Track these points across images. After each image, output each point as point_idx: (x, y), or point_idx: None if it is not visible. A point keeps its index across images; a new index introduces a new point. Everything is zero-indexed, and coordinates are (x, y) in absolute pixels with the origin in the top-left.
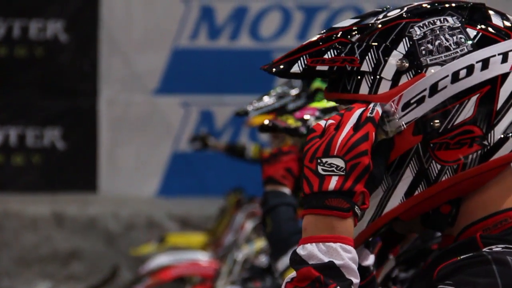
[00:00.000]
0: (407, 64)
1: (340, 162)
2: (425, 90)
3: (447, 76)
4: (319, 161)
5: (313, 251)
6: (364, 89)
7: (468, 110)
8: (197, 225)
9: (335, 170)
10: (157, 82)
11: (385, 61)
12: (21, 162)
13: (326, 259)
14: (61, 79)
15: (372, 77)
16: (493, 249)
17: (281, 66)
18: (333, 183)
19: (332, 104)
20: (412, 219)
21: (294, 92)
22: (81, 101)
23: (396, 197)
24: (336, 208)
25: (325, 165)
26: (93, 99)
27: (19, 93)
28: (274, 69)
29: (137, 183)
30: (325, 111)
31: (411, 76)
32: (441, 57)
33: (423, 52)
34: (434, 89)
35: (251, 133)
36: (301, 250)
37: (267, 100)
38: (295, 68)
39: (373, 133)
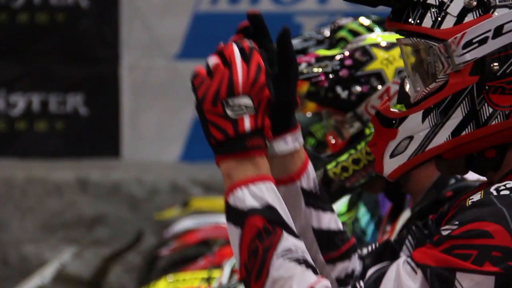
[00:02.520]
0: (475, 3)
1: (248, 101)
2: (489, 31)
3: None
4: (225, 103)
5: (245, 197)
6: (427, 22)
7: None
8: (221, 189)
9: (245, 109)
10: (178, 47)
11: None
12: (44, 128)
13: (263, 203)
14: (83, 45)
15: (437, 11)
16: (500, 193)
17: None
18: (247, 123)
19: (332, 52)
20: (455, 159)
21: (319, 37)
22: (102, 67)
23: (442, 134)
24: (257, 147)
25: (234, 107)
26: (114, 64)
27: (41, 60)
28: None
29: (160, 148)
30: (319, 59)
31: (478, 15)
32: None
33: None
34: (498, 31)
35: None
36: (234, 201)
37: (293, 41)
38: None
39: (262, 61)
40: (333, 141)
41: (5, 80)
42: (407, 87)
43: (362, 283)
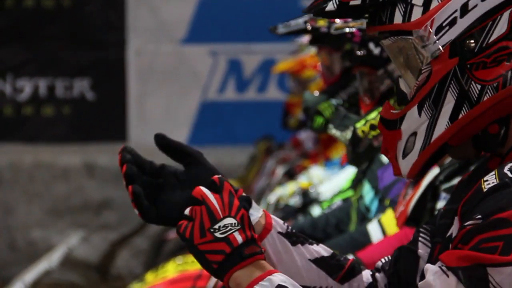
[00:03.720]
0: None
1: (232, 220)
2: (456, 11)
3: None
4: (212, 230)
5: None
6: (398, 18)
7: (502, 26)
8: (228, 173)
9: (231, 227)
10: (185, 32)
11: None
12: (51, 113)
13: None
14: (89, 30)
15: (404, 5)
16: None
17: (318, 7)
18: (238, 237)
19: None
20: (462, 143)
21: None
22: (109, 51)
23: (441, 123)
24: (255, 253)
25: (221, 228)
26: (121, 49)
27: (47, 45)
28: (311, 10)
29: (167, 132)
30: None
31: None
32: None
33: None
34: (464, 9)
35: (279, 82)
36: None
37: (299, 21)
38: (330, 7)
39: (233, 189)
40: (365, 102)
41: (12, 65)
42: (402, 87)
43: None
